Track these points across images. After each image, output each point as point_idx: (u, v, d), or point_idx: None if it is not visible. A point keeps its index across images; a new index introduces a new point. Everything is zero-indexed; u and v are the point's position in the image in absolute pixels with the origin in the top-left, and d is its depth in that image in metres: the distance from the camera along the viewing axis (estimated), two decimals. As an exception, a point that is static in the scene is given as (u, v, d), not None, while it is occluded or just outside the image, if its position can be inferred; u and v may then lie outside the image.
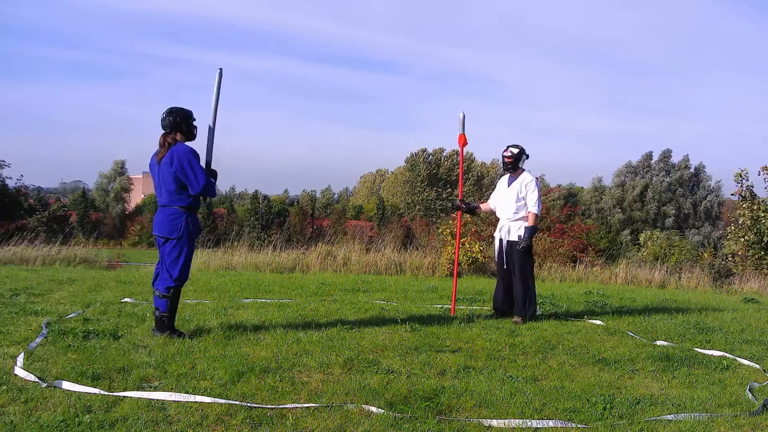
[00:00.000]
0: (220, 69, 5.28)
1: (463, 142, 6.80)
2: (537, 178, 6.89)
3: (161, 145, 5.08)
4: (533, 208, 6.49)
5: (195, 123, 5.24)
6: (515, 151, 6.62)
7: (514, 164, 6.64)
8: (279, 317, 6.18)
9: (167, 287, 5.04)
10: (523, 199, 6.55)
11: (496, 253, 6.82)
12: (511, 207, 6.57)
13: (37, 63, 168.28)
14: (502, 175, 6.98)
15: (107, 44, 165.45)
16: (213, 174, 5.23)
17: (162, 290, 5.05)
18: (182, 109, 5.17)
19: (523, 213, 6.55)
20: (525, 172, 6.68)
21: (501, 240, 6.70)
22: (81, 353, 4.37)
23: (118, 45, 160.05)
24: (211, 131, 5.25)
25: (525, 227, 6.51)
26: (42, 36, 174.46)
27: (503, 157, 6.71)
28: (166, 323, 5.06)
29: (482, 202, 7.17)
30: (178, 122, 5.09)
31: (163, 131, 5.11)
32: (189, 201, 5.04)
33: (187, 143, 5.13)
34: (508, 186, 6.69)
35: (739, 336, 6.27)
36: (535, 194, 6.51)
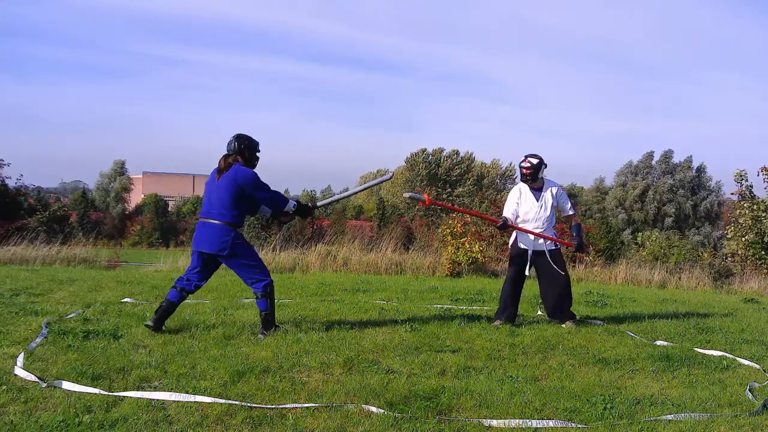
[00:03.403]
0: (392, 173, 5.80)
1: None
2: None
3: (222, 165, 5.25)
4: (572, 211, 6.64)
5: (259, 155, 5.42)
6: (534, 161, 6.32)
7: (533, 175, 6.34)
8: (279, 317, 6.18)
9: (264, 285, 5.28)
10: (555, 208, 6.51)
11: (518, 264, 6.45)
12: (548, 220, 6.40)
13: (37, 63, 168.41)
14: (516, 185, 6.67)
15: (107, 44, 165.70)
16: (306, 209, 5.60)
17: (260, 290, 5.28)
18: (251, 139, 5.38)
19: (554, 222, 6.54)
20: (551, 183, 6.51)
21: (531, 252, 6.38)
22: (81, 353, 4.37)
23: (118, 45, 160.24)
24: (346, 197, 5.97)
25: (574, 228, 6.70)
26: (42, 36, 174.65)
27: (521, 168, 6.42)
28: (269, 320, 5.32)
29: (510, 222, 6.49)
30: (242, 149, 5.29)
31: (226, 153, 5.30)
32: (238, 219, 5.26)
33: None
34: (537, 200, 6.40)
35: (739, 336, 6.27)
36: (568, 200, 6.63)
